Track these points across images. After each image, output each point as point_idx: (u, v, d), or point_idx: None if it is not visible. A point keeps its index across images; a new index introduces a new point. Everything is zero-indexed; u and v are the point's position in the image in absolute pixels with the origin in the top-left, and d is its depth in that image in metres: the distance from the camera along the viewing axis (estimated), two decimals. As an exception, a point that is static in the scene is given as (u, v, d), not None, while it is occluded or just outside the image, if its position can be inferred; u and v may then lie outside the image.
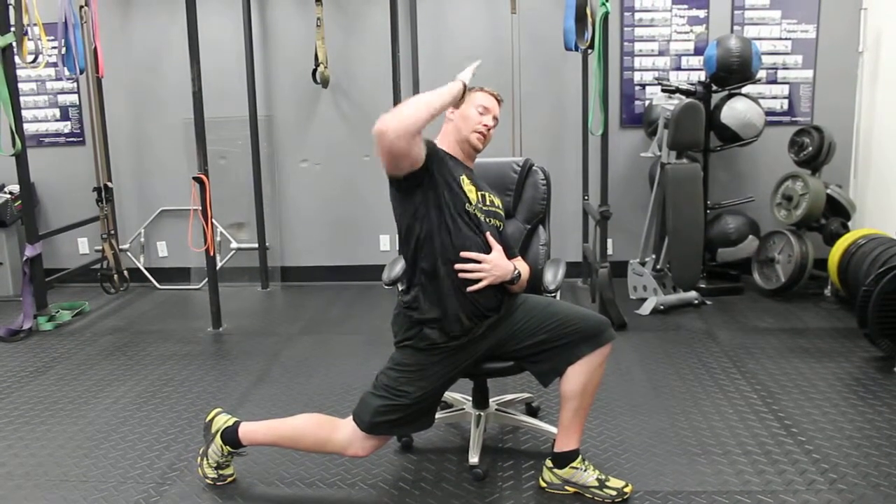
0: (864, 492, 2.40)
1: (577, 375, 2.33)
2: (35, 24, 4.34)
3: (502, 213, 2.55)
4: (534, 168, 2.87)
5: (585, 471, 2.42)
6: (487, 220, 2.44)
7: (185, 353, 4.00)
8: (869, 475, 2.50)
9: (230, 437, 2.50)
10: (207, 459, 2.55)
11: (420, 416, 2.39)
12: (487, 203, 2.47)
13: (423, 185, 2.28)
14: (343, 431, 2.39)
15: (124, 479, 2.63)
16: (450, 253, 2.31)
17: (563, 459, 2.44)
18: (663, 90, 4.72)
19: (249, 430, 2.50)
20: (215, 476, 2.55)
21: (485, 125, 2.46)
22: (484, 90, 2.53)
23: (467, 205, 2.36)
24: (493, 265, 2.35)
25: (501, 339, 2.41)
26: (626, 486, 2.41)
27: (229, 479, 2.57)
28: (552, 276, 2.67)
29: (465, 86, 2.37)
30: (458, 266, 2.31)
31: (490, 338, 2.39)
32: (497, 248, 2.40)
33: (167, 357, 3.93)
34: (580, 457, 2.44)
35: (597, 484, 2.41)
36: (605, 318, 2.41)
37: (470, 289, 2.32)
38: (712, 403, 3.14)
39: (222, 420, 2.55)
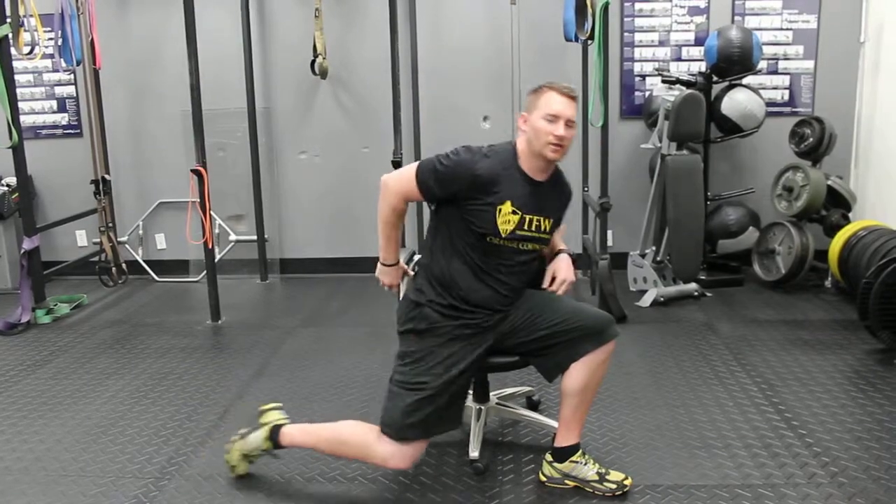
0: (865, 485, 2.39)
1: (579, 373, 2.32)
2: (31, 16, 4.31)
3: (548, 235, 2.44)
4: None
5: (585, 465, 2.42)
6: (520, 245, 2.36)
7: (183, 346, 3.99)
8: (870, 468, 2.50)
9: (275, 434, 2.47)
10: (243, 443, 2.50)
11: (446, 409, 2.30)
12: (531, 228, 2.35)
13: (449, 206, 2.34)
14: (384, 443, 2.31)
15: (122, 474, 2.62)
16: (470, 257, 2.35)
17: (563, 454, 2.43)
18: (663, 81, 4.69)
19: (289, 431, 2.47)
20: (236, 464, 2.52)
21: (557, 137, 2.26)
22: (552, 88, 2.30)
23: (491, 237, 2.31)
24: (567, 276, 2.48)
25: (505, 331, 2.40)
26: (626, 478, 2.40)
27: (239, 473, 2.54)
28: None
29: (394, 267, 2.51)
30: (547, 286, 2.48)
31: (496, 330, 2.39)
32: (553, 264, 2.51)
33: (166, 350, 3.92)
34: (580, 451, 2.43)
35: (597, 478, 2.40)
36: (608, 315, 2.39)
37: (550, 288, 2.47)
38: (713, 396, 3.13)
39: (276, 416, 2.53)
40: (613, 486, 2.39)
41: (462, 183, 2.27)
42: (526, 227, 2.34)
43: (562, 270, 2.49)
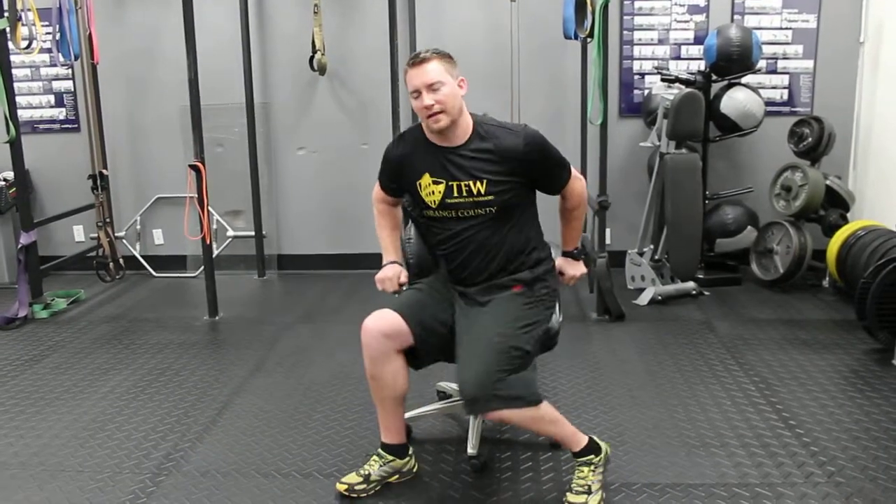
0: (861, 485, 2.40)
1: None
2: (29, 10, 4.30)
3: (488, 196, 2.30)
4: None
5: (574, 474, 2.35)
6: (460, 213, 2.35)
7: (181, 341, 3.98)
8: (867, 468, 2.50)
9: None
10: (360, 472, 2.46)
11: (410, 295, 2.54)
12: (462, 194, 2.31)
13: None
14: None
15: (120, 470, 2.62)
16: (426, 236, 2.54)
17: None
18: (663, 79, 4.69)
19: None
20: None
21: (426, 108, 2.25)
22: (407, 66, 2.31)
23: (427, 211, 2.41)
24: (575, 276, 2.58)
25: (462, 313, 2.41)
26: None
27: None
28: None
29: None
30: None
31: (458, 300, 2.44)
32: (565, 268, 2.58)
33: (163, 346, 3.91)
34: (582, 460, 2.34)
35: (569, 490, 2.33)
36: (481, 391, 2.15)
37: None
38: (710, 395, 3.13)
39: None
40: None
41: (392, 171, 2.47)
42: (456, 194, 2.33)
43: (568, 268, 2.58)
